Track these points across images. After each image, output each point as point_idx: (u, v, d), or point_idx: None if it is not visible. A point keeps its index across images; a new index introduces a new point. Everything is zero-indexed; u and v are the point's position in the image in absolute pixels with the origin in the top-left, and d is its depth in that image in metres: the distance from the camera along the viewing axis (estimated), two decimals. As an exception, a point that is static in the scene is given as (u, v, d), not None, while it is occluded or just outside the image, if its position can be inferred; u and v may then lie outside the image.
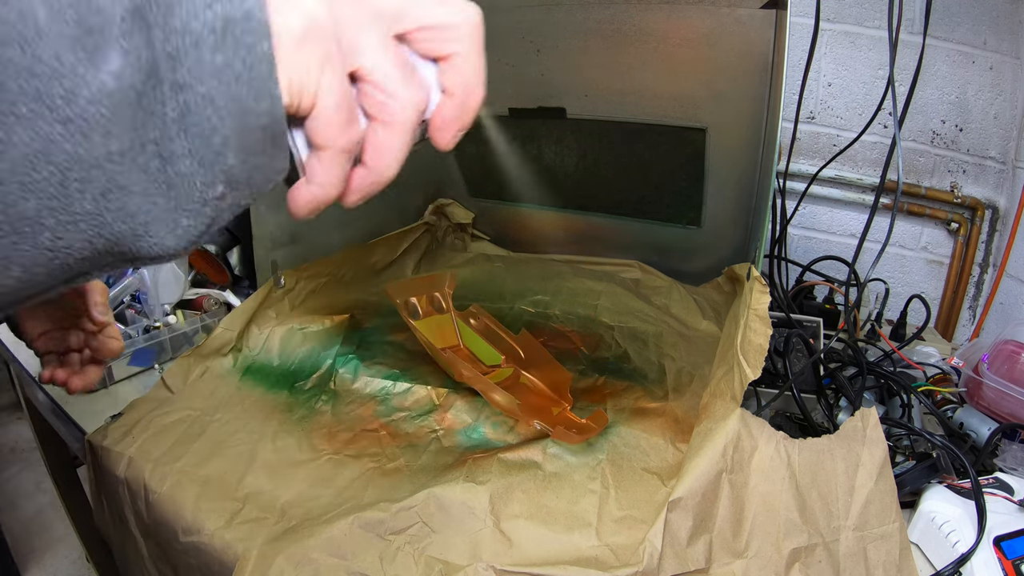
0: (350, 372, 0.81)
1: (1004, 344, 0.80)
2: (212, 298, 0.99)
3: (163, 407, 0.72)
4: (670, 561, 0.49)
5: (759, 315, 0.60)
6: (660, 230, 1.07)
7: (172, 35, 0.19)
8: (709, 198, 0.97)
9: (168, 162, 0.20)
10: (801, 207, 1.10)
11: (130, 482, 0.62)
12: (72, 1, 0.18)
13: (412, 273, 1.17)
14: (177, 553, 0.57)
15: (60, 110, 0.18)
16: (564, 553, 0.51)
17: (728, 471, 0.53)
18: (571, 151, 1.04)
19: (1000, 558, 0.51)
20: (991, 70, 0.98)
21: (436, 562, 0.50)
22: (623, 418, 0.69)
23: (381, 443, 0.68)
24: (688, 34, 0.79)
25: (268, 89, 0.21)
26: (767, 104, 0.78)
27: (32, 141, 0.18)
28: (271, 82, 0.21)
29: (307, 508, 0.58)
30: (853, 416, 0.55)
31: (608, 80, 0.89)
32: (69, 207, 0.19)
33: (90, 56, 0.18)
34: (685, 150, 0.93)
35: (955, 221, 1.06)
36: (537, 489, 0.58)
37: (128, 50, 0.19)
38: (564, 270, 1.12)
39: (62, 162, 0.19)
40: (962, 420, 0.73)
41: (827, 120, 1.10)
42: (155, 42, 0.19)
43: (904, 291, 1.08)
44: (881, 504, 0.52)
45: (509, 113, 1.02)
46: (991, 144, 1.02)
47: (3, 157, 0.18)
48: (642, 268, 1.10)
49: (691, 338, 0.89)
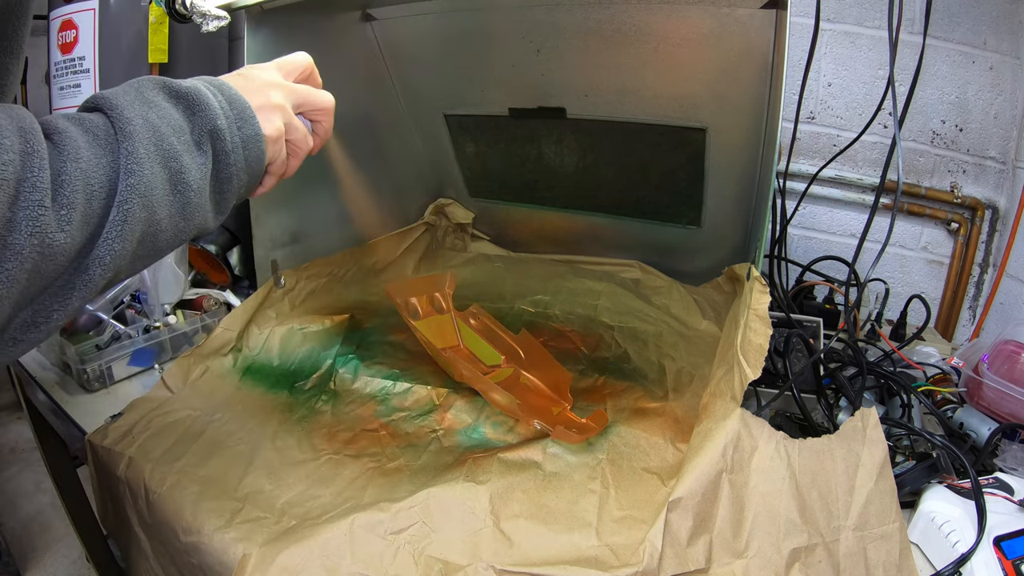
0: (350, 372, 0.81)
1: (1004, 344, 0.80)
2: (212, 298, 0.99)
3: (163, 407, 0.72)
4: (670, 561, 0.49)
5: (759, 315, 0.60)
6: (660, 230, 1.07)
7: (225, 145, 0.43)
8: (709, 198, 0.97)
9: (222, 199, 0.45)
10: (801, 207, 1.10)
11: (130, 482, 0.62)
12: (180, 130, 0.41)
13: (412, 273, 1.17)
14: (178, 552, 0.57)
15: (193, 187, 0.41)
16: (564, 553, 0.51)
17: (728, 471, 0.53)
18: (571, 151, 1.04)
19: (1000, 558, 0.51)
20: (991, 70, 0.98)
21: (436, 562, 0.50)
22: (623, 418, 0.69)
23: (381, 443, 0.68)
24: (688, 34, 0.79)
25: (262, 163, 0.47)
26: (767, 104, 0.78)
27: (183, 201, 0.41)
28: (264, 160, 0.47)
29: (307, 508, 0.58)
30: (853, 416, 0.55)
31: (608, 80, 0.89)
32: (194, 224, 0.43)
33: (193, 157, 0.41)
34: (685, 150, 0.93)
35: (955, 221, 1.06)
36: (537, 489, 0.58)
37: (206, 152, 0.43)
38: (564, 270, 1.12)
39: (193, 206, 0.42)
40: (962, 420, 0.73)
41: (827, 120, 1.10)
42: (216, 148, 0.43)
43: (904, 291, 1.08)
44: (881, 504, 0.52)
45: (509, 113, 1.02)
46: (991, 144, 1.02)
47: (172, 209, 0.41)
48: (642, 268, 1.10)
49: (691, 338, 0.89)
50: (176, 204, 0.40)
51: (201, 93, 0.43)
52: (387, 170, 1.15)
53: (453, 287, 0.92)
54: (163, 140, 0.39)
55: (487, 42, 0.94)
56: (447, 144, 1.14)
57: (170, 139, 0.39)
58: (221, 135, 0.43)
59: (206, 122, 0.42)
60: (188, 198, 0.41)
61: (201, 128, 0.42)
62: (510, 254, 1.24)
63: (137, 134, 0.38)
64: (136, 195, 0.37)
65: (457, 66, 1.00)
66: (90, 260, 0.36)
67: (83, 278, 0.36)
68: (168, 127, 0.40)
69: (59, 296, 0.36)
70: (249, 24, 0.79)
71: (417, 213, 1.24)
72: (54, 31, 1.31)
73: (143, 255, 0.40)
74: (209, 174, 0.43)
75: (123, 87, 0.41)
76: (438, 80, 1.04)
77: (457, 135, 1.12)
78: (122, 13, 1.26)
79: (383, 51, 1.02)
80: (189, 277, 0.99)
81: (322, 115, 0.53)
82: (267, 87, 0.48)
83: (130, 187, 0.36)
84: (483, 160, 1.15)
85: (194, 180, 0.41)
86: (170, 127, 0.40)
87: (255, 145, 0.46)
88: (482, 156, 1.14)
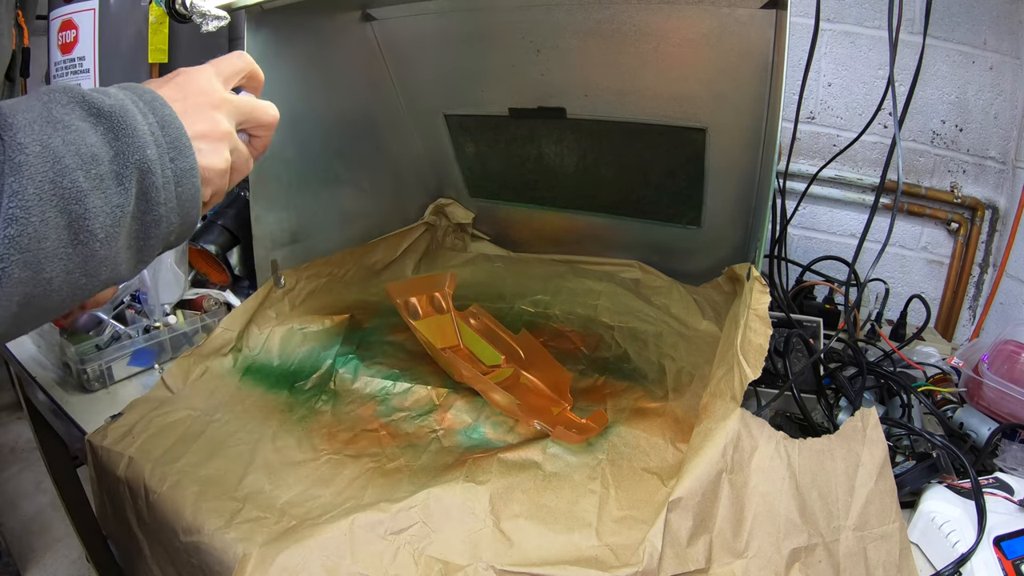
0: (350, 372, 0.81)
1: (1004, 344, 0.80)
2: (212, 298, 0.99)
3: (163, 407, 0.72)
4: (670, 561, 0.49)
5: (759, 315, 0.60)
6: (660, 230, 1.07)
7: (154, 180, 0.35)
8: (709, 198, 0.97)
9: (145, 244, 0.37)
10: (801, 207, 1.10)
11: (130, 482, 0.62)
12: (93, 162, 0.33)
13: (412, 273, 1.17)
14: (177, 553, 0.57)
15: (98, 234, 0.33)
16: (564, 553, 0.51)
17: (728, 471, 0.53)
18: (571, 151, 1.04)
19: (1000, 558, 0.51)
20: (991, 70, 0.98)
21: (436, 562, 0.50)
22: (623, 418, 0.69)
23: (381, 443, 0.68)
24: (688, 34, 0.79)
25: (197, 204, 0.39)
26: (767, 104, 0.78)
27: (86, 253, 0.33)
28: (199, 200, 0.39)
29: (307, 508, 0.58)
30: (853, 416, 0.55)
31: (608, 80, 0.89)
32: (100, 280, 0.35)
33: (106, 197, 0.33)
34: (685, 150, 0.93)
35: (955, 221, 1.06)
36: (537, 489, 0.58)
37: (128, 188, 0.34)
38: (564, 270, 1.12)
39: (99, 258, 0.34)
40: (962, 420, 0.73)
41: (827, 120, 1.10)
42: (143, 182, 0.35)
43: (904, 291, 1.08)
44: (881, 504, 0.52)
45: (509, 113, 1.02)
46: (991, 144, 1.02)
47: (68, 262, 0.32)
48: (642, 268, 1.10)
49: (691, 338, 0.89)
50: (75, 258, 0.32)
51: (127, 112, 0.34)
52: (387, 170, 1.15)
53: (453, 287, 0.92)
54: (64, 175, 0.31)
55: (487, 42, 0.94)
56: (447, 144, 1.14)
57: (74, 174, 0.31)
58: (150, 168, 0.35)
59: (132, 151, 0.34)
60: (92, 250, 0.32)
61: (125, 158, 0.33)
62: (510, 254, 1.24)
63: (28, 166, 0.29)
64: (16, 250, 0.29)
65: (457, 66, 1.00)
66: None
67: None
68: (75, 157, 0.31)
69: None
70: (249, 24, 0.79)
71: (417, 213, 1.24)
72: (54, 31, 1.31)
73: (28, 319, 0.32)
74: (128, 217, 0.34)
75: (29, 98, 0.33)
76: (438, 80, 1.04)
77: (457, 135, 1.12)
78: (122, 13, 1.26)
79: (383, 51, 1.02)
80: (189, 277, 0.99)
81: (264, 131, 0.46)
82: (210, 106, 0.40)
83: (8, 239, 0.28)
84: (483, 160, 1.15)
85: (101, 227, 0.32)
86: (78, 157, 0.31)
87: (189, 181, 0.37)
88: (482, 156, 1.14)
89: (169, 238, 0.38)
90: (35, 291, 0.31)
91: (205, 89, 0.41)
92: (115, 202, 0.33)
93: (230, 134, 0.41)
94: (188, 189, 0.37)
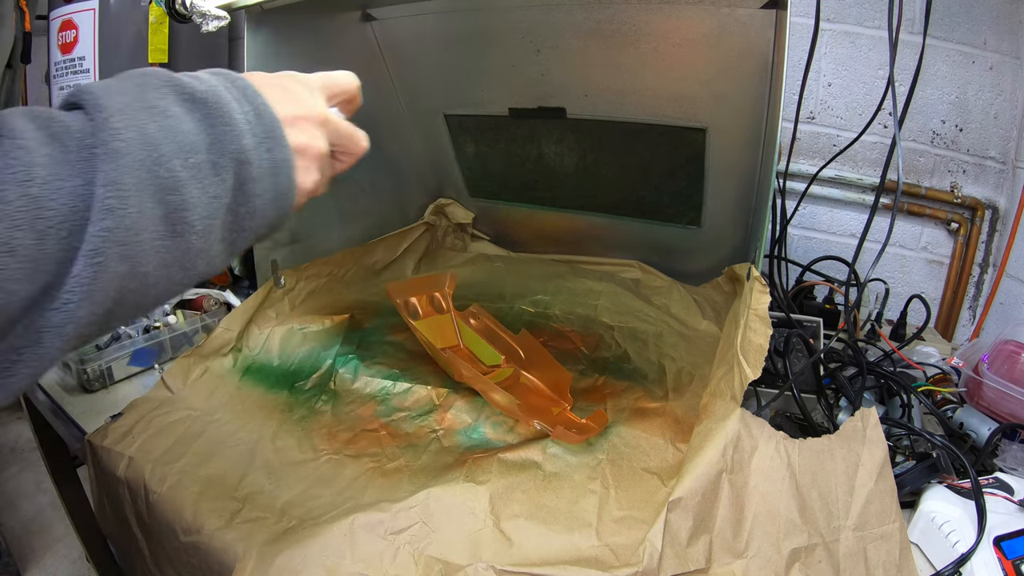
0: (350, 372, 0.81)
1: (1004, 344, 0.80)
2: (212, 298, 0.99)
3: (163, 407, 0.72)
4: (670, 561, 0.49)
5: (759, 315, 0.60)
6: (660, 230, 1.07)
7: (251, 170, 0.34)
8: (709, 198, 0.97)
9: (239, 236, 0.35)
10: (801, 207, 1.10)
11: (130, 482, 0.62)
12: (189, 151, 0.31)
13: (412, 273, 1.17)
14: (177, 553, 0.57)
15: (196, 225, 0.31)
16: (564, 553, 0.51)
17: (728, 471, 0.53)
18: (571, 151, 1.04)
19: (1000, 558, 0.51)
20: (991, 70, 0.98)
21: (436, 562, 0.50)
22: (623, 418, 0.69)
23: (381, 443, 0.68)
24: (688, 34, 0.79)
25: (290, 200, 0.37)
26: (767, 104, 0.78)
27: (184, 246, 0.31)
28: (293, 194, 0.37)
29: (307, 508, 0.58)
30: (853, 416, 0.55)
31: (608, 80, 0.89)
32: (197, 273, 0.33)
33: (204, 188, 0.31)
34: (685, 150, 0.93)
35: (955, 221, 1.06)
36: (537, 489, 0.58)
37: (225, 179, 0.32)
38: (564, 270, 1.12)
39: (196, 251, 0.32)
40: (962, 420, 0.73)
41: (827, 120, 1.10)
42: (240, 174, 0.33)
43: (904, 291, 1.08)
44: (881, 504, 0.52)
45: (509, 113, 1.02)
46: (991, 144, 1.02)
47: (167, 254, 0.30)
48: (642, 268, 1.10)
49: (691, 338, 0.89)
50: (172, 251, 0.30)
51: (221, 99, 0.33)
52: (387, 170, 1.15)
53: (453, 287, 0.92)
54: (161, 164, 0.29)
55: (487, 42, 0.94)
56: (447, 144, 1.14)
57: (172, 163, 0.29)
58: (247, 158, 0.33)
59: (229, 139, 0.32)
60: (189, 243, 0.31)
61: (222, 147, 0.32)
62: (510, 254, 1.24)
63: (125, 154, 0.27)
64: (114, 243, 0.27)
65: (457, 66, 1.00)
66: (41, 327, 0.26)
67: (33, 351, 0.26)
68: (172, 145, 0.30)
69: (3, 365, 0.26)
70: (249, 24, 0.79)
71: (417, 213, 1.24)
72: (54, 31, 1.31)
73: (120, 315, 0.30)
74: (224, 209, 0.32)
75: (120, 79, 0.31)
76: (438, 80, 1.04)
77: (457, 135, 1.12)
78: (122, 13, 1.26)
79: (383, 51, 1.02)
80: (189, 277, 0.99)
81: (349, 160, 0.43)
82: (315, 123, 0.38)
83: (106, 231, 0.26)
84: (483, 160, 1.15)
85: (199, 219, 0.31)
86: (175, 144, 0.30)
87: (285, 173, 0.35)
88: (482, 156, 1.14)
89: (260, 231, 0.36)
90: (131, 285, 0.29)
91: (311, 104, 0.39)
92: (212, 193, 0.31)
93: (325, 156, 0.39)
94: (284, 181, 0.35)
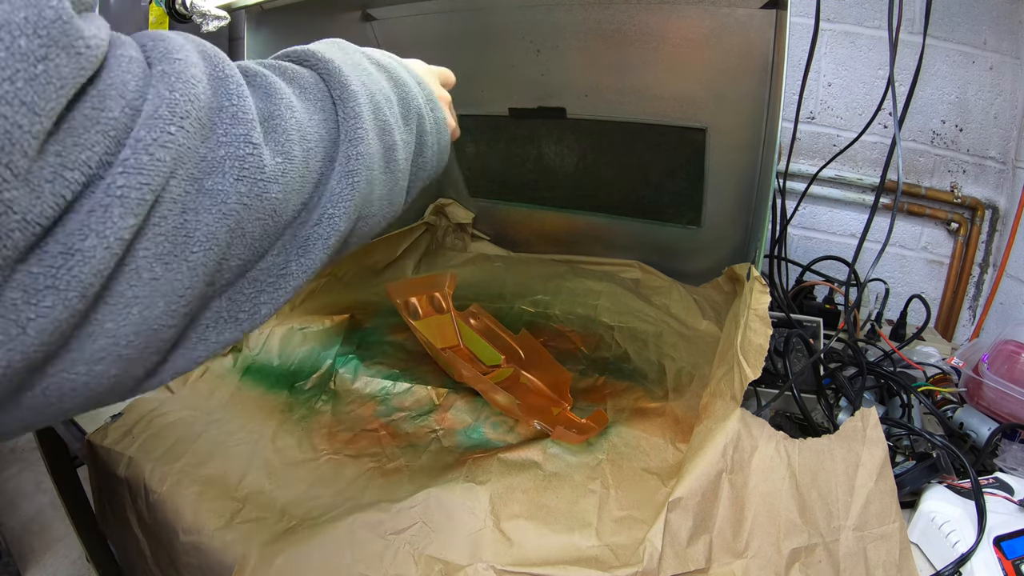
0: (350, 372, 0.81)
1: (1004, 344, 0.80)
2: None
3: (163, 407, 0.72)
4: (670, 561, 0.49)
5: (759, 315, 0.60)
6: (660, 230, 1.07)
7: (424, 125, 0.39)
8: (709, 198, 0.97)
9: (413, 185, 0.39)
10: (801, 207, 1.10)
11: (130, 482, 0.62)
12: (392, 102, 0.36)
13: (412, 273, 1.17)
14: (178, 553, 0.57)
15: (400, 163, 0.36)
16: (564, 553, 0.51)
17: (728, 471, 0.53)
18: (571, 151, 1.04)
19: (1000, 558, 0.51)
20: (991, 70, 0.98)
21: (436, 562, 0.50)
22: (623, 418, 0.69)
23: (381, 443, 0.68)
24: (688, 34, 0.79)
25: (446, 155, 0.43)
26: (767, 104, 0.78)
27: (390, 179, 0.36)
28: (448, 145, 0.44)
29: (307, 508, 0.58)
30: (853, 416, 0.55)
31: (608, 80, 0.89)
32: (395, 209, 0.37)
33: (399, 134, 0.36)
34: (685, 150, 0.93)
35: (955, 221, 1.06)
36: (537, 489, 0.58)
37: (411, 129, 0.37)
38: (564, 270, 1.12)
39: (397, 189, 0.37)
40: (962, 420, 0.73)
41: (827, 120, 1.10)
42: (418, 128, 0.38)
43: (904, 291, 1.08)
44: (881, 504, 0.52)
45: (509, 113, 1.02)
46: (991, 144, 1.02)
47: (380, 187, 0.35)
48: (642, 268, 1.10)
49: (691, 338, 0.89)
50: (387, 184, 0.35)
51: (393, 66, 0.38)
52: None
53: (453, 287, 0.92)
54: (379, 110, 0.34)
55: (487, 42, 0.94)
56: (447, 144, 1.14)
57: (382, 110, 0.34)
58: (423, 114, 0.38)
59: (410, 97, 0.37)
60: (396, 179, 0.35)
61: (407, 103, 0.37)
62: (510, 254, 1.24)
63: (358, 95, 0.32)
64: (363, 166, 0.31)
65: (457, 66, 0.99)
66: (309, 235, 0.29)
67: (301, 261, 0.28)
68: (380, 96, 0.34)
69: (268, 279, 0.27)
70: (249, 24, 0.79)
71: (417, 213, 1.24)
72: (54, 31, 1.30)
73: (349, 243, 0.34)
74: (412, 155, 0.37)
75: (324, 44, 0.35)
76: (438, 80, 1.04)
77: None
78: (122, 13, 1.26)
79: (383, 51, 1.02)
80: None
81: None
82: (446, 100, 0.46)
83: (358, 155, 0.31)
84: (483, 160, 1.15)
85: (403, 159, 0.36)
86: (382, 96, 0.34)
87: (445, 132, 0.42)
88: (482, 156, 1.14)
89: (427, 180, 0.41)
90: (364, 212, 0.33)
91: (436, 83, 0.45)
92: (405, 139, 0.36)
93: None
94: (444, 138, 0.41)
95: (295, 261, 0.28)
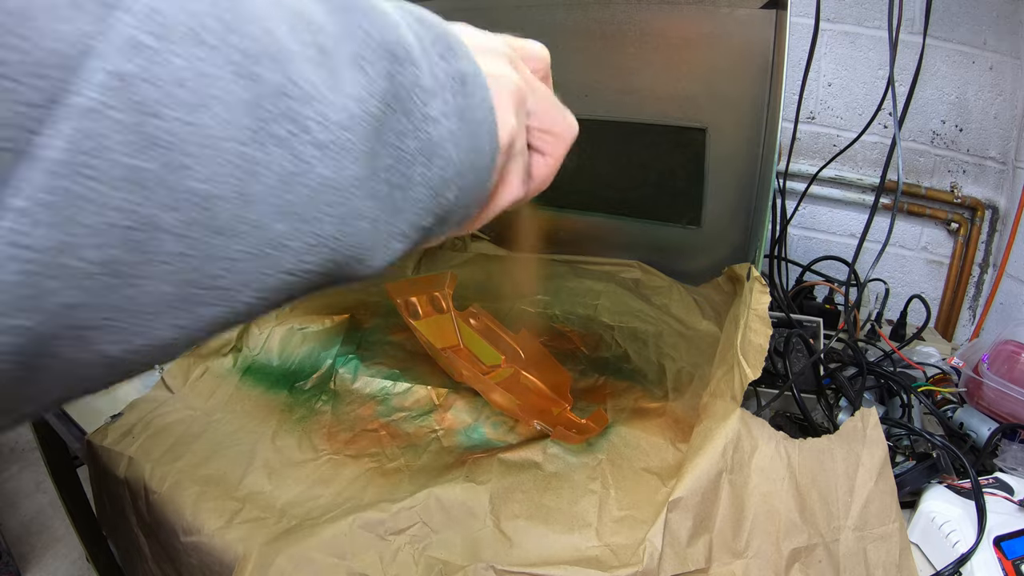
0: (350, 372, 0.81)
1: (1004, 344, 0.80)
2: (212, 298, 0.99)
3: (163, 407, 0.72)
4: (670, 561, 0.49)
5: (759, 315, 0.60)
6: (660, 230, 1.07)
7: (418, 74, 0.21)
8: (709, 198, 0.97)
9: (398, 189, 0.21)
10: (801, 207, 1.10)
11: (130, 482, 0.62)
12: (307, 23, 0.18)
13: (412, 273, 1.16)
14: (178, 553, 0.57)
15: (315, 133, 0.18)
16: (564, 553, 0.51)
17: (728, 471, 0.53)
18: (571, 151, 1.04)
19: (1000, 558, 0.51)
20: (991, 70, 0.98)
21: (436, 562, 0.50)
22: (623, 418, 0.69)
23: (381, 443, 0.68)
24: (688, 34, 0.79)
25: (493, 132, 0.24)
26: (767, 104, 0.78)
27: (289, 163, 0.18)
28: (495, 127, 0.24)
29: (307, 508, 0.58)
30: (853, 416, 0.55)
31: (608, 80, 0.89)
32: (315, 231, 0.19)
33: (333, 78, 0.18)
34: (685, 150, 0.93)
35: (955, 221, 1.06)
36: (537, 489, 0.58)
37: (372, 77, 0.19)
38: (564, 270, 1.12)
39: (316, 186, 0.18)
40: (962, 420, 0.73)
41: (827, 120, 1.10)
42: (396, 76, 0.20)
43: (904, 291, 1.08)
44: (881, 504, 0.52)
45: (509, 113, 1.01)
46: (991, 144, 1.02)
47: (260, 178, 0.17)
48: (642, 268, 1.10)
49: (691, 338, 0.89)
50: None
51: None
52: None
53: (453, 287, 0.92)
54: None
55: (487, 42, 0.94)
56: (447, 144, 1.14)
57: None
58: (407, 54, 0.22)
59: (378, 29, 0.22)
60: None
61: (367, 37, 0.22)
62: (510, 254, 1.24)
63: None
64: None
65: (457, 66, 1.00)
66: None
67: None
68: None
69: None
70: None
71: (417, 213, 1.24)
72: (54, 31, 1.30)
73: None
74: (375, 123, 0.22)
75: None
76: (438, 80, 1.04)
77: (457, 135, 1.12)
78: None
79: (383, 51, 1.02)
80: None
81: (553, 143, 0.32)
82: (506, 57, 0.28)
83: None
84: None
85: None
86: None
87: (481, 95, 0.24)
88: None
89: (445, 192, 0.23)
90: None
91: (503, 49, 0.29)
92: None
93: (525, 98, 0.28)
94: (479, 106, 0.23)
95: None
